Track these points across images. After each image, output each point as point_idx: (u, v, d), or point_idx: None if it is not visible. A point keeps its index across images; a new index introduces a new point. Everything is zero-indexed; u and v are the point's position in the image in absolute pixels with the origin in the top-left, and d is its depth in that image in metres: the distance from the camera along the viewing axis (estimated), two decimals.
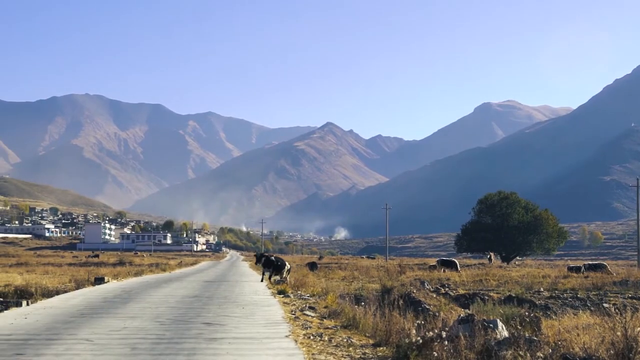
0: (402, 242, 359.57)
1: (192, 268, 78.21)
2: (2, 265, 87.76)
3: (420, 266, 74.09)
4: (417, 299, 27.85)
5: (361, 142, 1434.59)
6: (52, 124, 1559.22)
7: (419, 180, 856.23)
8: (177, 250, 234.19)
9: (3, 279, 45.37)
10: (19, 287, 30.00)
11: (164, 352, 14.20)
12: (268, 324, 19.10)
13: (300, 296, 29.42)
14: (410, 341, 13.73)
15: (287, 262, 43.23)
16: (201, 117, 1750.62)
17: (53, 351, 14.32)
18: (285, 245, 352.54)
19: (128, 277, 48.12)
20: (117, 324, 18.94)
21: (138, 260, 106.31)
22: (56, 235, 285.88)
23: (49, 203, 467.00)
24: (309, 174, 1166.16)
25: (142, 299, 27.66)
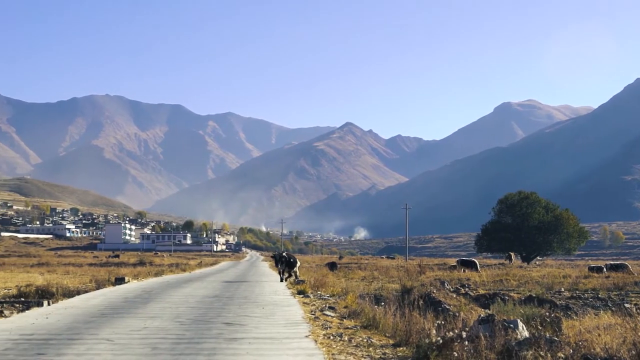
0: (422, 242, 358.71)
1: (212, 268, 78.25)
2: (23, 265, 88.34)
3: (440, 266, 73.95)
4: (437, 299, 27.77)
5: (381, 142, 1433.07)
6: (73, 124, 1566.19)
7: (438, 180, 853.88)
8: (197, 250, 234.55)
9: (24, 279, 45.62)
10: (40, 287, 30.10)
11: (184, 352, 14.22)
12: (288, 324, 19.10)
13: (320, 296, 29.39)
14: (430, 341, 13.71)
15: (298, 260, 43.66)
16: (221, 117, 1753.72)
17: (74, 351, 14.37)
18: (305, 245, 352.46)
19: (148, 277, 48.25)
20: (137, 323, 18.99)
21: (158, 261, 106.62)
22: (77, 236, 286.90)
23: (70, 203, 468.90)
24: (328, 174, 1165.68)
25: (163, 299, 27.72)
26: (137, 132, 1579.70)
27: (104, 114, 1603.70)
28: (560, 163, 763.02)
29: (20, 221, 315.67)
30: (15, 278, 50.66)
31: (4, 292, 33.22)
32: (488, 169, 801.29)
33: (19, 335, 16.62)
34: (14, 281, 44.72)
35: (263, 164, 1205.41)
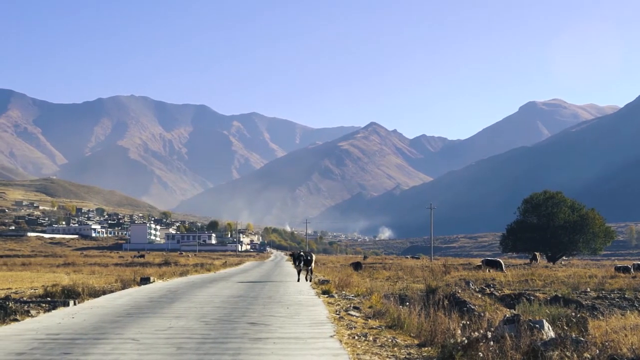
0: (447, 242, 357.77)
1: (236, 268, 78.40)
2: (49, 265, 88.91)
3: (465, 266, 73.80)
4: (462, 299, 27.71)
5: (405, 142, 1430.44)
6: (98, 125, 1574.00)
7: (463, 180, 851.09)
8: (221, 250, 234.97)
9: (51, 279, 45.93)
10: (66, 287, 30.25)
11: (209, 351, 14.26)
12: (313, 324, 19.10)
13: (345, 296, 29.37)
14: (455, 341, 13.67)
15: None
16: (245, 117, 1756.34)
17: (100, 350, 14.45)
18: (330, 245, 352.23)
19: (173, 277, 48.42)
20: (163, 323, 19.06)
21: (183, 261, 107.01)
22: (102, 236, 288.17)
23: (95, 204, 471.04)
24: (353, 174, 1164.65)
25: (188, 298, 27.80)
26: (162, 133, 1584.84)
27: (129, 114, 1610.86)
28: (586, 162, 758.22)
29: (47, 221, 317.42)
30: (41, 278, 51.04)
31: (31, 291, 33.43)
32: (513, 169, 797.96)
33: (46, 335, 16.73)
34: (41, 281, 45.05)
35: (287, 164, 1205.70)
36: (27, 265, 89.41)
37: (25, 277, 53.61)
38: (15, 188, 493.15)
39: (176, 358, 13.62)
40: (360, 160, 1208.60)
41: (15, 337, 16.54)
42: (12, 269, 77.20)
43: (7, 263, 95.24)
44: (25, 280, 48.09)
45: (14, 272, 67.49)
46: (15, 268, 79.23)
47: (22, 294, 31.89)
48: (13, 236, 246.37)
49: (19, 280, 49.05)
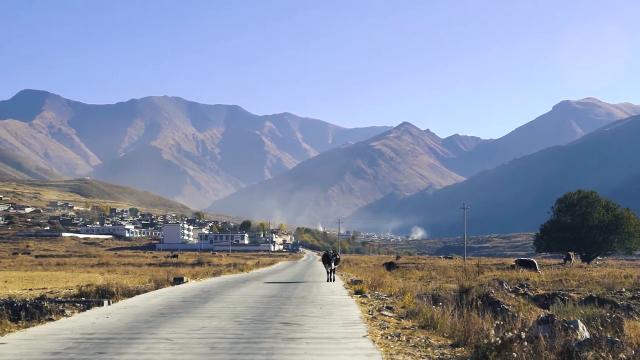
0: (480, 242, 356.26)
1: (269, 268, 78.55)
2: (84, 265, 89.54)
3: (498, 266, 73.39)
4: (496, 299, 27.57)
5: (438, 142, 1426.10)
6: (132, 126, 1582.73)
7: (496, 180, 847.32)
8: (254, 250, 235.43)
9: (85, 279, 46.27)
10: (100, 286, 30.47)
11: (242, 351, 14.30)
12: (346, 324, 19.11)
13: (378, 296, 29.35)
14: (489, 342, 13.62)
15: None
16: (277, 117, 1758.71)
17: (134, 350, 14.54)
18: (362, 245, 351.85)
19: (206, 277, 48.60)
20: (196, 323, 19.15)
21: (216, 261, 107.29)
22: (136, 236, 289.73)
23: (129, 204, 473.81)
24: (385, 173, 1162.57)
25: (221, 298, 27.90)
26: (194, 133, 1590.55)
27: (162, 115, 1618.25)
28: (621, 161, 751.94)
29: (81, 222, 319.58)
30: (76, 278, 51.41)
31: (66, 291, 33.69)
32: (547, 168, 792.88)
33: (80, 335, 16.86)
34: (75, 281, 45.38)
35: (320, 164, 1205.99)
36: (61, 265, 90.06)
37: (60, 277, 54.02)
38: (50, 189, 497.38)
39: (209, 358, 13.67)
40: (392, 160, 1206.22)
41: (50, 336, 16.68)
42: (47, 269, 77.81)
43: (42, 263, 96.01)
44: (60, 280, 48.45)
45: (49, 272, 68.02)
46: (50, 268, 79.84)
47: (57, 293, 32.16)
48: (48, 236, 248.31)
49: (54, 280, 49.43)
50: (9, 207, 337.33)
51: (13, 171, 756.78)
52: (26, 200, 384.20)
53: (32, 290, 36.33)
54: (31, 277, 53.80)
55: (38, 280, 49.13)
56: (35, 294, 32.43)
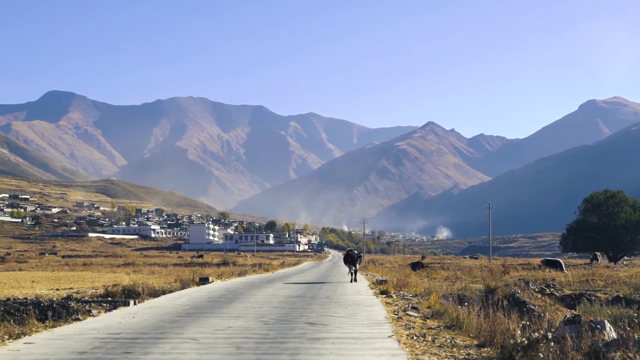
0: (506, 242, 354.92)
1: (294, 268, 78.77)
2: (110, 265, 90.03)
3: (524, 266, 73.05)
4: (522, 299, 27.47)
5: (463, 142, 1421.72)
6: (157, 126, 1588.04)
7: (522, 180, 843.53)
8: (279, 250, 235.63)
9: (111, 279, 46.49)
10: (126, 287, 30.63)
11: (267, 351, 14.33)
12: (371, 324, 19.11)
13: (403, 296, 29.33)
14: (515, 342, 13.57)
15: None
16: (302, 117, 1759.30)
17: (160, 350, 14.60)
18: (387, 245, 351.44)
19: (232, 277, 48.73)
20: (221, 323, 19.21)
21: (241, 261, 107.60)
22: (161, 236, 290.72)
23: (155, 204, 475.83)
24: (410, 173, 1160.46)
25: (246, 298, 27.97)
26: (219, 134, 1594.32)
27: (187, 115, 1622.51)
28: None
29: (107, 222, 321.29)
30: (102, 278, 51.70)
31: (92, 291, 33.89)
32: (573, 168, 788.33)
33: (107, 334, 16.96)
34: (102, 281, 45.63)
35: (345, 164, 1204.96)
36: (88, 265, 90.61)
37: (86, 277, 54.32)
38: (76, 189, 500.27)
39: (235, 358, 13.71)
40: (417, 160, 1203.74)
41: (77, 336, 16.78)
42: (73, 269, 78.28)
43: (69, 263, 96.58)
44: (86, 280, 48.72)
45: (75, 272, 68.42)
46: (76, 268, 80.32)
47: (83, 293, 32.36)
48: (74, 236, 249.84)
49: (81, 280, 49.72)
50: (36, 208, 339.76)
51: (40, 172, 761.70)
52: (53, 201, 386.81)
53: (59, 290, 36.57)
54: (58, 277, 54.15)
55: (65, 280, 49.44)
56: (62, 293, 32.65)
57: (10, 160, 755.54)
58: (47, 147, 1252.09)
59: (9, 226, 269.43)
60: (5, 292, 35.25)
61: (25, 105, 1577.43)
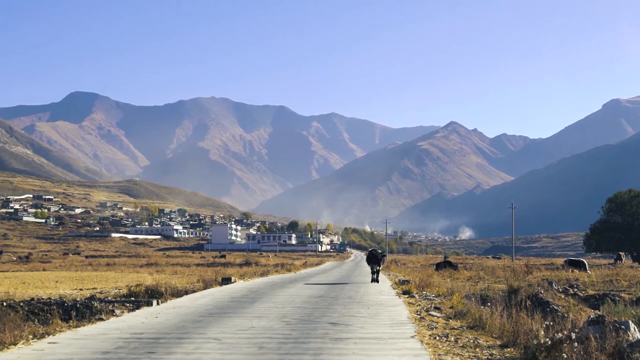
0: (529, 242, 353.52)
1: (316, 268, 78.79)
2: (133, 265, 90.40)
3: (547, 266, 72.83)
4: (545, 299, 27.36)
5: (485, 141, 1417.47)
6: (180, 127, 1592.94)
7: (545, 179, 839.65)
8: (301, 250, 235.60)
9: (134, 279, 46.69)
10: (149, 286, 30.73)
11: (290, 351, 14.34)
12: (393, 324, 19.08)
13: (426, 296, 29.28)
14: (538, 342, 13.52)
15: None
16: (324, 118, 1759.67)
17: (183, 350, 14.64)
18: (410, 245, 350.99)
19: (254, 277, 48.80)
20: (244, 323, 19.24)
21: (264, 261, 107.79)
22: (184, 236, 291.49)
23: (177, 204, 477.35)
24: (432, 173, 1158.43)
25: (268, 298, 28.00)
26: (242, 134, 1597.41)
27: (209, 116, 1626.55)
28: None
29: (130, 222, 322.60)
30: (125, 278, 51.94)
31: (115, 291, 34.04)
32: (596, 167, 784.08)
33: (130, 334, 17.02)
34: (125, 281, 45.84)
35: (367, 164, 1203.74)
36: (111, 265, 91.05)
37: (109, 277, 54.61)
38: (100, 189, 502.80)
39: (258, 357, 13.73)
40: (440, 159, 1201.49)
41: (100, 336, 16.86)
42: (97, 269, 78.69)
43: (92, 263, 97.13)
44: (109, 280, 48.97)
45: (98, 272, 68.79)
46: (100, 268, 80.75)
47: (106, 293, 32.52)
48: (98, 237, 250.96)
49: (104, 280, 49.98)
50: (60, 208, 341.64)
51: (63, 172, 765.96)
52: (76, 201, 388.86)
53: (83, 290, 36.79)
54: (81, 277, 54.46)
55: (88, 280, 49.71)
56: (85, 293, 32.83)
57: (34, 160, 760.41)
58: (71, 148, 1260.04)
59: (33, 226, 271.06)
60: (30, 292, 35.49)
61: (49, 106, 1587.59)
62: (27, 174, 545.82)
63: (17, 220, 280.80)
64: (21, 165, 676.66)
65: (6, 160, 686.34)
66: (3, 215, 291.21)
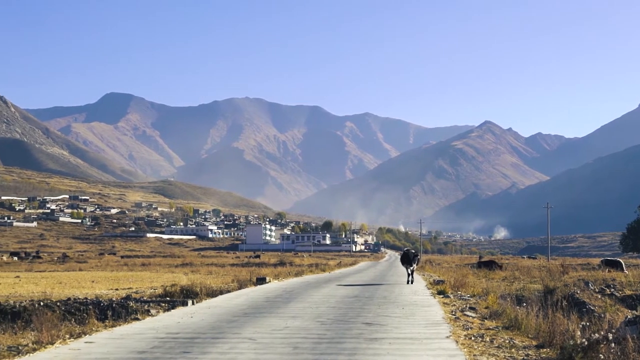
0: (564, 242, 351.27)
1: (351, 268, 78.71)
2: (168, 265, 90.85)
3: (583, 266, 72.21)
4: (581, 299, 27.19)
5: (520, 141, 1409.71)
6: (214, 127, 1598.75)
7: (581, 179, 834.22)
8: (336, 250, 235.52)
9: (169, 279, 46.92)
10: (184, 286, 30.88)
11: (325, 351, 14.34)
12: (428, 324, 19.03)
13: (460, 296, 29.18)
14: (575, 343, 13.43)
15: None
16: (358, 117, 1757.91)
17: (218, 349, 14.69)
18: (444, 245, 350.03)
19: (288, 277, 48.82)
20: (279, 323, 19.27)
21: (298, 261, 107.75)
22: (219, 236, 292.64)
23: (212, 205, 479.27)
24: (467, 173, 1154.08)
25: (303, 298, 28.01)
26: (276, 134, 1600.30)
27: (243, 116, 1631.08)
28: None
29: (165, 222, 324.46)
30: (160, 278, 52.22)
31: (151, 291, 34.24)
32: (633, 167, 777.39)
33: (165, 334, 17.11)
34: (160, 281, 46.08)
35: (401, 164, 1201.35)
36: (146, 265, 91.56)
37: (145, 277, 54.94)
38: (135, 190, 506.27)
39: (292, 358, 13.74)
40: (474, 159, 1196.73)
41: (136, 335, 16.96)
42: (132, 269, 79.20)
43: (128, 263, 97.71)
44: (145, 280, 49.27)
45: (134, 272, 69.23)
46: (135, 268, 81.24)
47: (142, 293, 32.72)
48: (133, 237, 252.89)
49: (139, 280, 50.29)
50: (96, 209, 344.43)
51: (99, 173, 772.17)
52: (112, 202, 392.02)
53: (118, 290, 37.03)
54: (117, 277, 54.83)
55: (124, 280, 50.04)
56: (121, 293, 33.05)
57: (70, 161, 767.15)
58: (106, 149, 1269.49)
59: (69, 227, 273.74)
60: (66, 292, 35.78)
61: (85, 107, 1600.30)
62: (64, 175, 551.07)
63: (54, 220, 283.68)
64: (57, 166, 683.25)
65: (43, 161, 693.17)
66: (40, 215, 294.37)
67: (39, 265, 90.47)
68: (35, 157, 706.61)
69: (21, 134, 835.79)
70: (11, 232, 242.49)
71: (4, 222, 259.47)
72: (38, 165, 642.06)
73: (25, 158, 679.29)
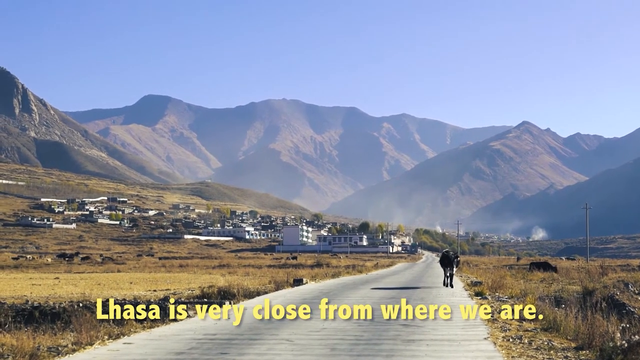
0: (603, 243, 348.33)
1: (387, 270, 78.48)
2: (205, 267, 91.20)
3: (622, 267, 71.67)
4: (621, 301, 26.93)
5: (559, 141, 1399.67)
6: (251, 129, 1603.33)
7: (620, 179, 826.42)
8: (372, 251, 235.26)
9: (207, 280, 47.12)
10: (221, 288, 30.97)
11: (362, 352, 14.33)
12: (466, 325, 18.95)
13: (498, 298, 29.03)
14: (614, 345, 13.31)
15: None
16: (395, 118, 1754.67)
17: (255, 351, 14.73)
18: (482, 246, 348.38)
19: (325, 278, 48.82)
20: (316, 324, 19.26)
21: (335, 262, 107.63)
22: (256, 238, 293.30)
23: (249, 206, 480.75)
24: (505, 174, 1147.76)
25: (340, 300, 27.97)
26: (312, 135, 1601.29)
27: (280, 117, 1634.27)
28: None
29: (202, 224, 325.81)
30: (198, 279, 52.48)
31: (188, 292, 34.38)
32: None
33: (203, 335, 17.19)
34: (197, 282, 46.31)
35: (438, 165, 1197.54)
36: (184, 266, 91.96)
37: (182, 279, 55.24)
38: (172, 192, 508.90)
39: (330, 359, 13.74)
40: (512, 160, 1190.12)
41: (174, 337, 17.06)
42: (170, 270, 79.61)
43: (166, 265, 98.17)
44: (182, 282, 49.55)
45: (171, 273, 69.63)
46: (173, 270, 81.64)
47: (180, 294, 32.86)
48: (171, 238, 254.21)
49: (177, 281, 50.58)
50: (134, 210, 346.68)
51: (137, 175, 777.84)
52: (150, 204, 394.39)
53: (156, 291, 37.26)
54: (155, 279, 55.20)
55: (161, 281, 50.35)
56: (159, 294, 33.25)
57: (109, 163, 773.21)
58: (144, 151, 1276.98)
59: (108, 228, 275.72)
60: (105, 293, 36.06)
61: (123, 110, 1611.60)
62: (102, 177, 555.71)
63: (92, 222, 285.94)
64: (96, 168, 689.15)
65: (81, 163, 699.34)
66: (79, 217, 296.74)
67: (77, 267, 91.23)
68: (74, 159, 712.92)
69: (60, 136, 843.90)
70: (51, 234, 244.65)
71: (44, 224, 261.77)
72: (77, 167, 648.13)
73: (65, 160, 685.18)
